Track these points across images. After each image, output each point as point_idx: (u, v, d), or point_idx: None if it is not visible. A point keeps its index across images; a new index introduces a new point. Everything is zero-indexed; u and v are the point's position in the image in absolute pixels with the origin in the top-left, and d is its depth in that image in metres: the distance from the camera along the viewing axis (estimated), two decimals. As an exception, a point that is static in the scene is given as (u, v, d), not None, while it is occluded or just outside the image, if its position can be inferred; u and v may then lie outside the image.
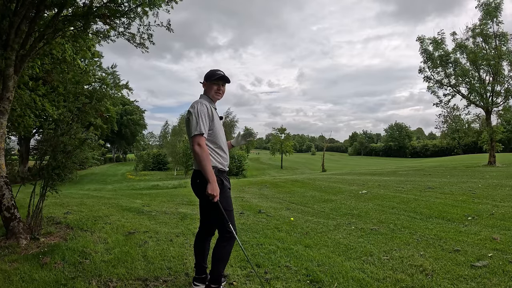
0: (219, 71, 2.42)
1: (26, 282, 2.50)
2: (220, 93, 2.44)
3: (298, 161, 65.28)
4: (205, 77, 2.45)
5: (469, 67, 17.78)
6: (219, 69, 2.44)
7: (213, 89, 2.40)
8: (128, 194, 10.41)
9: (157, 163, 45.33)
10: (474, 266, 2.69)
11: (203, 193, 2.23)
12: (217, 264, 2.33)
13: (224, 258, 2.36)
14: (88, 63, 11.24)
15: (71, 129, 3.92)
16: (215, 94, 2.41)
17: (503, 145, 21.28)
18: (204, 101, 2.31)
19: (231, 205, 2.34)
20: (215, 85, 2.40)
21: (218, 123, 2.36)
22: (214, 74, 2.40)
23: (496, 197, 5.87)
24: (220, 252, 2.33)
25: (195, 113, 2.20)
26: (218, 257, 2.33)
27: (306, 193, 7.88)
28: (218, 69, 2.45)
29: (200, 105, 2.25)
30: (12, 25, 3.70)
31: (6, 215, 3.49)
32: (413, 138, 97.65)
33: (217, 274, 2.33)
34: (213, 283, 2.32)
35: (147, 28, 4.92)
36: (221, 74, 2.39)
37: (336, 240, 3.66)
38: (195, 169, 2.31)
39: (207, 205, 2.29)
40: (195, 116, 2.19)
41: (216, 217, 2.30)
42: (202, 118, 2.20)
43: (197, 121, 2.18)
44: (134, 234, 3.89)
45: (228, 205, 2.31)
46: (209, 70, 2.47)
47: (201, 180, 2.24)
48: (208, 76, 2.42)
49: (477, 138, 19.66)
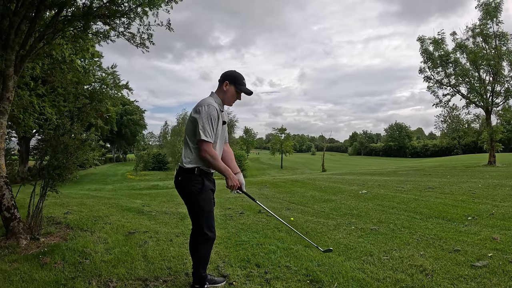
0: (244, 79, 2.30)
1: (26, 282, 2.50)
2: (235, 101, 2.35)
3: (298, 161, 65.30)
4: (230, 78, 2.29)
5: (469, 67, 17.78)
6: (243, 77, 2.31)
7: (233, 94, 2.29)
8: (128, 194, 10.41)
9: (157, 163, 45.32)
10: (474, 266, 2.69)
11: (183, 191, 2.25)
12: (196, 265, 2.34)
13: (203, 259, 2.34)
14: (88, 63, 11.24)
15: (72, 129, 3.92)
16: (231, 99, 2.31)
17: (503, 145, 21.27)
18: (214, 104, 2.19)
19: (211, 206, 2.30)
20: (237, 93, 2.30)
21: (220, 128, 2.28)
22: (242, 81, 2.28)
23: (496, 197, 5.87)
24: (198, 253, 2.32)
25: (205, 116, 2.11)
26: (197, 258, 2.33)
27: (306, 193, 7.88)
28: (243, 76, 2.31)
29: (212, 108, 2.14)
30: (12, 25, 3.70)
31: (6, 215, 3.49)
32: (413, 138, 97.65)
33: (199, 274, 2.34)
34: (196, 283, 2.35)
35: (147, 28, 4.92)
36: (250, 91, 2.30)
37: (336, 240, 3.66)
38: (180, 166, 2.28)
39: (187, 204, 2.30)
40: (205, 119, 2.10)
41: (193, 217, 2.29)
42: (212, 123, 2.12)
43: (206, 126, 2.11)
44: (134, 234, 3.89)
45: (207, 206, 2.27)
46: (232, 71, 2.32)
47: (182, 178, 2.24)
48: (236, 79, 2.28)
49: (477, 138, 19.66)
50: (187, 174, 2.23)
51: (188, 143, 2.26)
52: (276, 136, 60.15)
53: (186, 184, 2.23)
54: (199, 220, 2.26)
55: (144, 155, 43.12)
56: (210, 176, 2.35)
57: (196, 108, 2.18)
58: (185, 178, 2.23)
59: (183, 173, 2.23)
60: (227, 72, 2.33)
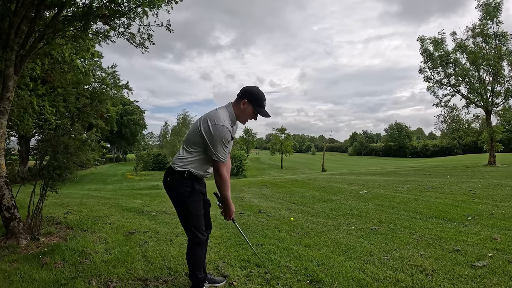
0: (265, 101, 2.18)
1: (26, 282, 2.50)
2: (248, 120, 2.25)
3: (298, 161, 65.28)
4: (250, 97, 2.15)
5: (469, 67, 17.77)
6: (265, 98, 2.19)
7: (250, 114, 2.19)
8: (128, 194, 10.41)
9: (157, 163, 45.28)
10: (474, 266, 2.69)
11: (172, 193, 2.24)
12: (190, 268, 2.34)
13: (196, 262, 2.32)
14: (88, 63, 11.23)
15: (72, 130, 3.92)
16: (246, 118, 2.22)
17: (503, 145, 21.27)
18: (227, 123, 2.09)
19: (199, 210, 2.27)
20: (254, 113, 2.19)
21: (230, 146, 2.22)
22: (262, 103, 2.16)
23: (496, 197, 5.87)
24: (190, 257, 2.32)
25: (218, 139, 2.05)
26: (191, 262, 2.33)
27: (306, 193, 7.87)
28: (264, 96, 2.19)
29: (225, 130, 2.06)
30: (12, 25, 3.70)
31: (6, 215, 3.49)
32: (413, 138, 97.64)
33: (195, 277, 2.33)
34: (193, 286, 2.35)
35: (147, 28, 4.92)
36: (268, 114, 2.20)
37: (336, 240, 3.66)
38: (170, 167, 2.25)
39: (175, 206, 2.28)
40: (218, 142, 2.06)
41: (182, 220, 2.29)
42: (224, 145, 2.09)
43: (219, 148, 2.07)
44: (134, 234, 3.89)
45: (196, 209, 2.25)
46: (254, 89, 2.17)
47: (171, 178, 2.22)
48: (256, 100, 2.15)
49: (477, 138, 19.66)
50: (177, 176, 2.20)
51: (186, 148, 2.21)
52: (276, 136, 60.13)
53: (175, 186, 2.21)
54: (188, 223, 2.25)
55: (144, 155, 43.13)
56: (202, 180, 2.33)
57: (208, 124, 2.08)
58: (174, 180, 2.21)
59: (173, 174, 2.21)
60: (248, 89, 2.18)
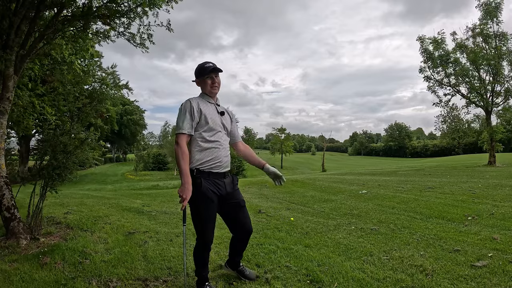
0: (207, 63, 2.26)
1: (26, 282, 2.50)
2: (216, 85, 2.28)
3: (298, 161, 65.29)
4: (196, 75, 2.32)
5: (469, 67, 17.77)
6: (207, 61, 2.29)
7: (207, 84, 2.26)
8: (128, 194, 10.41)
9: (157, 163, 45.29)
10: (474, 266, 2.69)
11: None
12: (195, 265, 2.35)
13: (197, 260, 2.31)
14: (88, 64, 11.22)
15: (72, 129, 3.92)
16: (211, 88, 2.27)
17: (503, 145, 21.24)
18: (193, 98, 2.23)
19: (202, 213, 2.15)
20: (208, 79, 2.26)
21: (213, 119, 2.22)
22: (204, 68, 2.26)
23: (496, 197, 5.86)
24: (193, 254, 2.33)
25: (179, 110, 2.18)
26: (194, 258, 2.34)
27: (306, 193, 7.87)
28: (206, 61, 2.30)
29: (185, 102, 2.20)
30: (12, 25, 3.70)
31: (6, 215, 3.49)
32: (413, 138, 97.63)
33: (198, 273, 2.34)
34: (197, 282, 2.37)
35: (147, 28, 4.92)
36: (211, 66, 2.24)
37: (336, 240, 3.66)
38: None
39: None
40: (180, 113, 2.16)
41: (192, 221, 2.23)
42: (185, 115, 2.14)
43: (178, 119, 2.16)
44: (134, 234, 3.89)
45: (206, 214, 2.15)
46: (197, 66, 2.32)
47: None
48: (199, 72, 2.28)
49: (477, 138, 19.65)
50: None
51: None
52: (276, 136, 60.13)
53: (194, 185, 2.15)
54: (196, 226, 2.21)
55: (144, 155, 43.13)
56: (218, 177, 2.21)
57: None
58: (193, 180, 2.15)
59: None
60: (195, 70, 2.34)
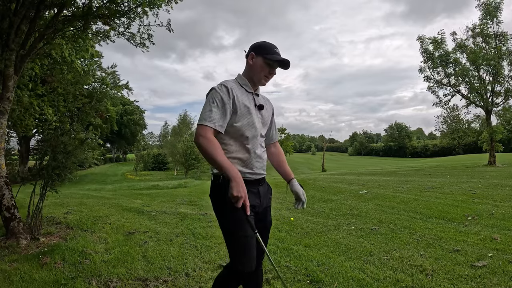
0: (276, 48, 1.67)
1: (26, 282, 2.50)
2: (269, 78, 1.71)
3: (298, 161, 65.25)
4: (254, 48, 1.67)
5: (469, 67, 17.78)
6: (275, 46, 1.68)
7: (262, 68, 1.65)
8: (128, 194, 10.41)
9: (157, 163, 45.33)
10: (474, 266, 2.69)
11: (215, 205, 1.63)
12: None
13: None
14: (88, 63, 11.24)
15: (71, 129, 3.92)
16: (260, 74, 1.66)
17: (503, 145, 21.25)
18: (228, 82, 1.62)
19: (238, 226, 1.51)
20: (267, 66, 1.65)
21: (248, 114, 1.62)
22: (271, 50, 1.65)
23: (496, 197, 5.86)
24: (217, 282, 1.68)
25: (207, 97, 1.58)
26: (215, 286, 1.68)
27: (306, 193, 7.85)
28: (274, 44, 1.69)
29: (219, 87, 1.58)
30: (12, 25, 3.70)
31: (6, 215, 3.49)
32: (413, 138, 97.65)
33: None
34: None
35: (147, 28, 4.92)
36: (279, 57, 1.65)
37: (336, 240, 3.66)
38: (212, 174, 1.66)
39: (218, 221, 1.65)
40: (205, 104, 1.57)
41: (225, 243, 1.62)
42: (212, 103, 1.53)
43: (205, 108, 1.55)
44: (134, 234, 3.89)
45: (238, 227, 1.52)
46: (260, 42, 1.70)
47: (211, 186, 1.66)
48: (262, 48, 1.66)
49: (477, 138, 19.67)
50: (213, 182, 1.64)
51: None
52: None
53: (211, 196, 1.65)
54: (228, 247, 1.59)
55: (144, 155, 43.15)
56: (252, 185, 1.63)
57: None
58: (211, 188, 1.66)
59: (212, 180, 1.66)
60: (254, 44, 1.72)
